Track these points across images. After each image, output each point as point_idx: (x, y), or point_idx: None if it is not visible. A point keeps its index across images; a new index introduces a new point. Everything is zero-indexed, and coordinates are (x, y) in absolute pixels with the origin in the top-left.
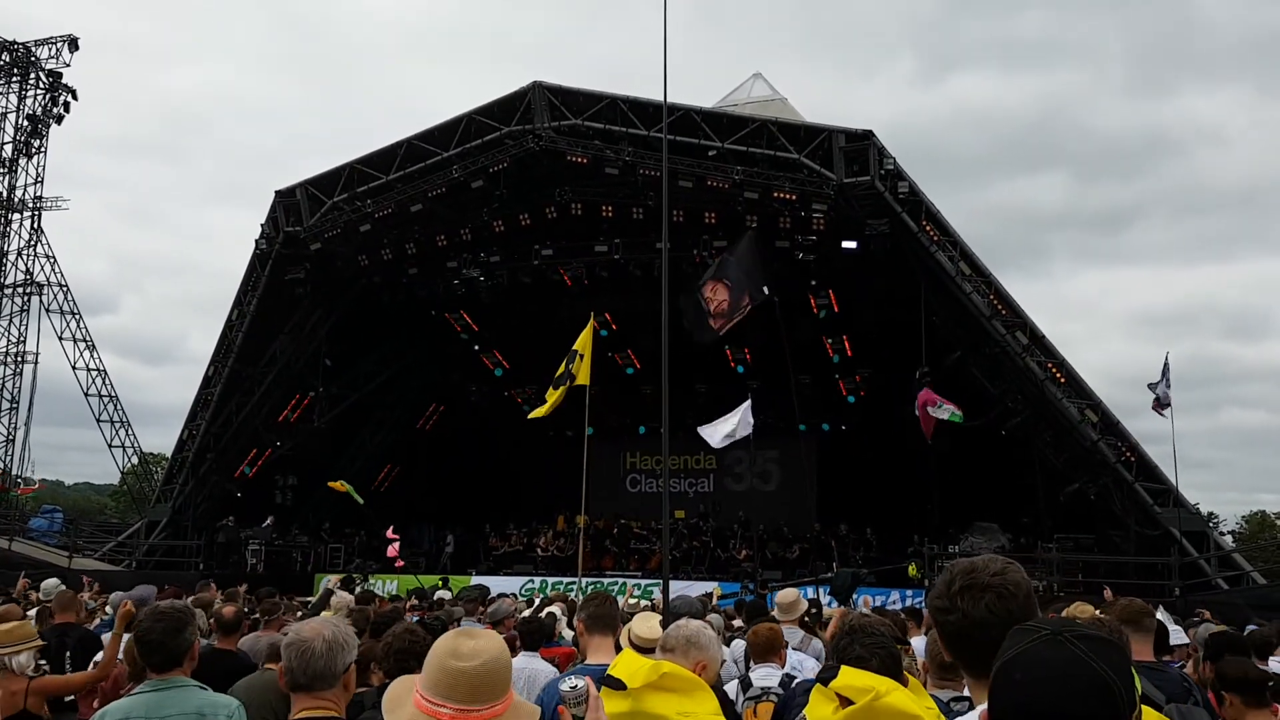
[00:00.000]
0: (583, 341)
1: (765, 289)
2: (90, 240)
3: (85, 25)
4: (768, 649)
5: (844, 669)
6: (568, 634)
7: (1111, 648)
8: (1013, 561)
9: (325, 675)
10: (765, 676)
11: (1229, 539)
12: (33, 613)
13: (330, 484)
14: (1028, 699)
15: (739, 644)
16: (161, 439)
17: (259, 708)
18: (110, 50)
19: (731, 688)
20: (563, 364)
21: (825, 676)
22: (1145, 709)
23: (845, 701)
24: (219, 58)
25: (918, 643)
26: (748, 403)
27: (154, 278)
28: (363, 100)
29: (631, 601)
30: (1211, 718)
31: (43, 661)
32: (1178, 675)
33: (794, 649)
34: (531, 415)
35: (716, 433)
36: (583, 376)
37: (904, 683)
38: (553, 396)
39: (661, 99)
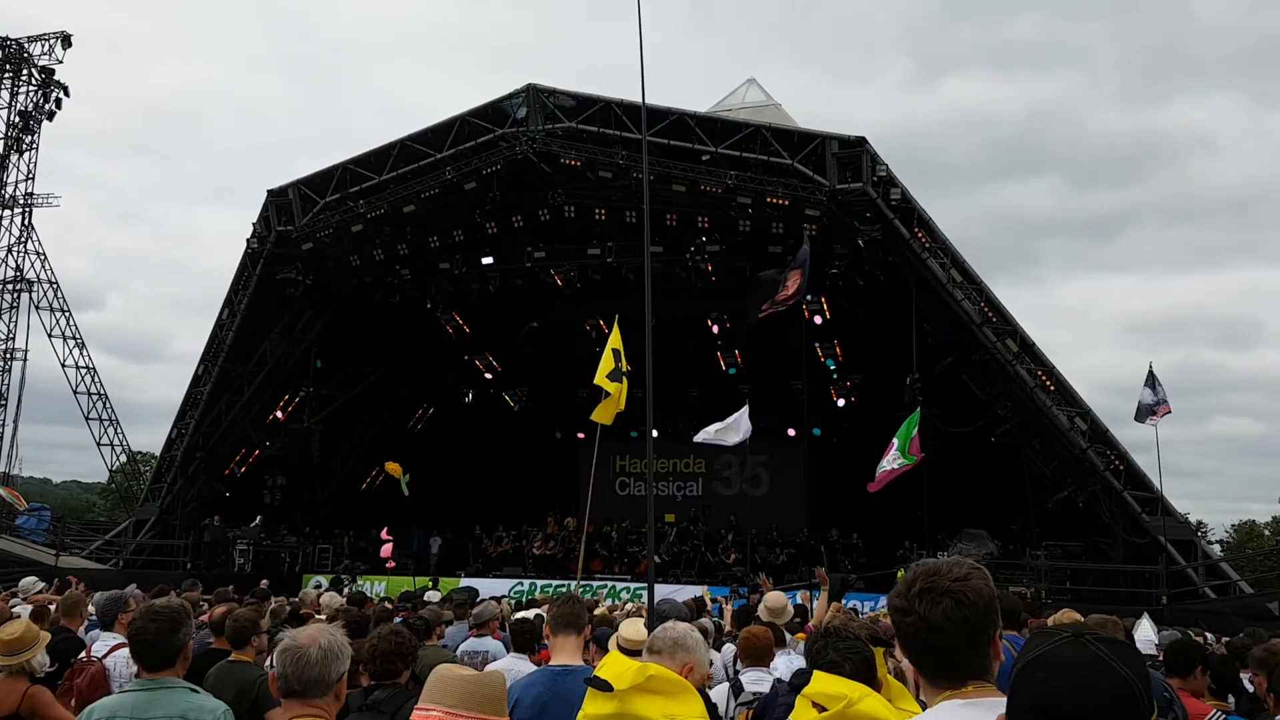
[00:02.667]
0: (616, 340)
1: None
2: (74, 237)
3: (72, 21)
4: (760, 653)
5: (817, 674)
6: None
7: (1131, 651)
8: (978, 567)
9: (319, 683)
10: (756, 680)
11: (1217, 548)
12: (25, 611)
13: (388, 464)
14: (1051, 699)
15: (729, 649)
16: (146, 437)
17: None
18: (96, 46)
19: (722, 690)
20: (610, 360)
21: (797, 682)
22: None
23: (819, 708)
24: (207, 56)
25: None
26: (745, 408)
27: (139, 276)
28: (351, 100)
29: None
30: None
31: (45, 661)
32: (1160, 684)
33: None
34: (594, 417)
35: (718, 435)
36: (598, 379)
37: (878, 687)
38: (616, 391)
39: (656, 103)
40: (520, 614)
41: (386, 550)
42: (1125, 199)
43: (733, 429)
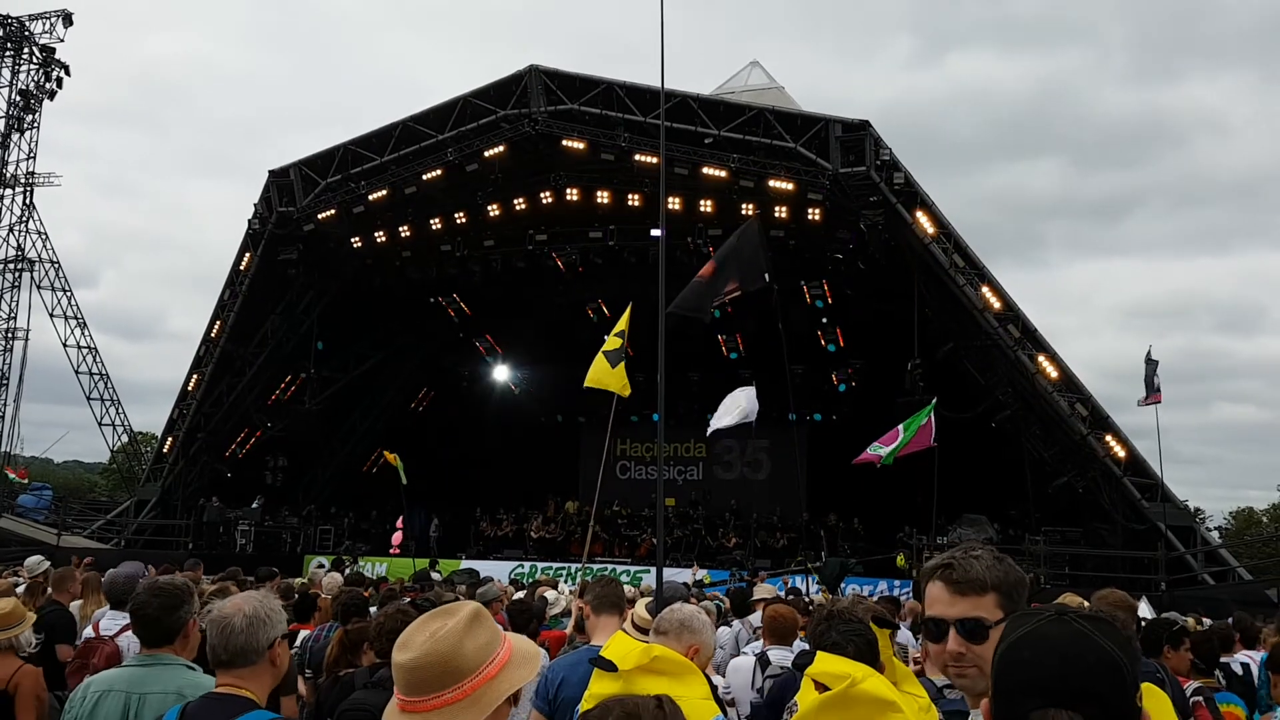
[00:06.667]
0: (623, 327)
1: (766, 276)
2: (66, 212)
3: None
4: (785, 632)
5: (820, 655)
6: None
7: (1112, 626)
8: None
9: (246, 651)
10: (783, 658)
11: (1216, 535)
12: (21, 589)
13: (386, 454)
14: (1038, 676)
15: (725, 631)
16: (140, 416)
17: None
18: (85, 16)
19: (748, 663)
20: (614, 339)
21: (801, 662)
22: (1146, 685)
23: (822, 688)
24: (198, 26)
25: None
26: (752, 389)
27: (131, 251)
28: (344, 71)
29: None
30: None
31: (39, 635)
32: (1153, 666)
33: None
34: (587, 384)
35: (724, 418)
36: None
37: (880, 669)
38: (610, 370)
39: (659, 85)
40: (519, 595)
41: (397, 538)
42: (1131, 180)
43: (739, 410)
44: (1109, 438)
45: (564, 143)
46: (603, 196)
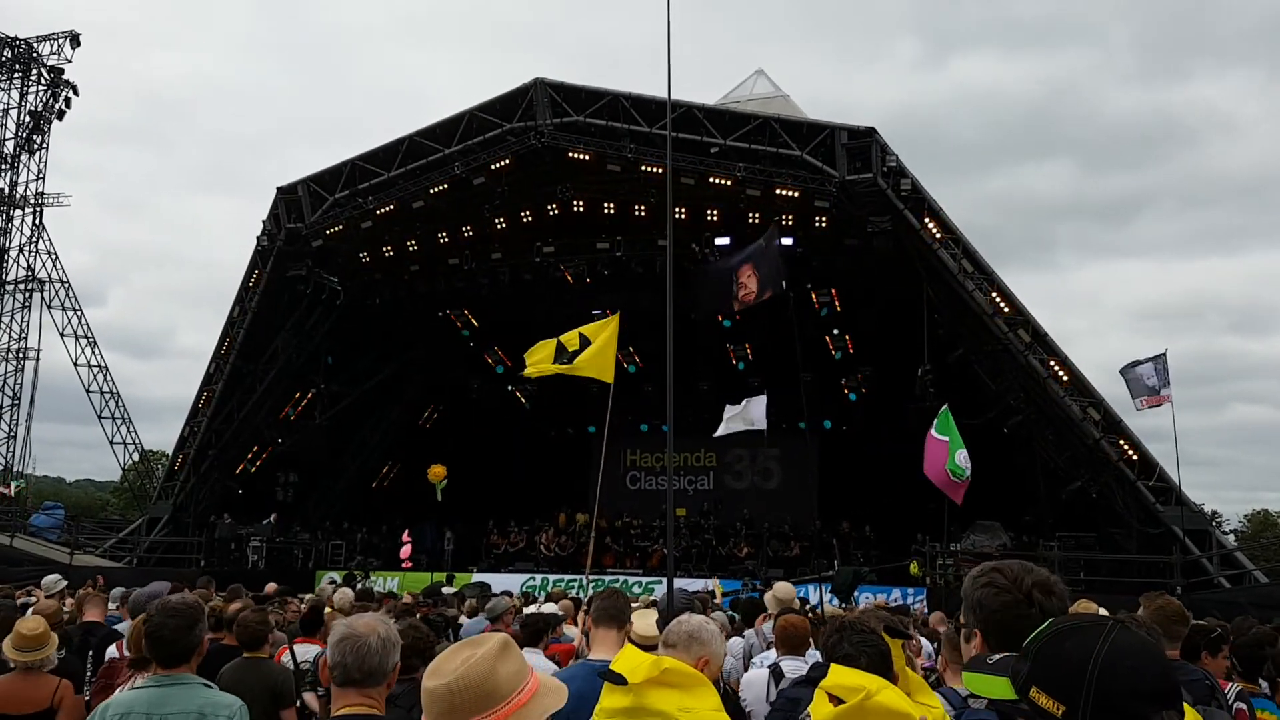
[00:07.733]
0: (596, 332)
1: (784, 284)
2: (74, 231)
3: (68, 10)
4: (797, 642)
5: (833, 667)
6: (569, 631)
7: None
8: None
9: (377, 672)
10: (795, 669)
11: (1231, 538)
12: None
13: (432, 469)
14: (1147, 683)
15: (737, 641)
16: (151, 434)
17: (246, 691)
18: (89, 34)
19: (762, 675)
20: (574, 337)
21: (814, 675)
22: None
23: (836, 701)
24: (201, 42)
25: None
26: (763, 398)
27: (139, 269)
28: (348, 84)
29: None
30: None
31: (62, 651)
32: (1201, 674)
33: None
34: (526, 372)
35: (729, 424)
36: (606, 374)
37: (894, 680)
38: (544, 361)
39: (664, 95)
40: (530, 609)
41: (405, 551)
42: (1140, 181)
43: (741, 417)
44: (1122, 442)
45: (570, 155)
46: (609, 208)
